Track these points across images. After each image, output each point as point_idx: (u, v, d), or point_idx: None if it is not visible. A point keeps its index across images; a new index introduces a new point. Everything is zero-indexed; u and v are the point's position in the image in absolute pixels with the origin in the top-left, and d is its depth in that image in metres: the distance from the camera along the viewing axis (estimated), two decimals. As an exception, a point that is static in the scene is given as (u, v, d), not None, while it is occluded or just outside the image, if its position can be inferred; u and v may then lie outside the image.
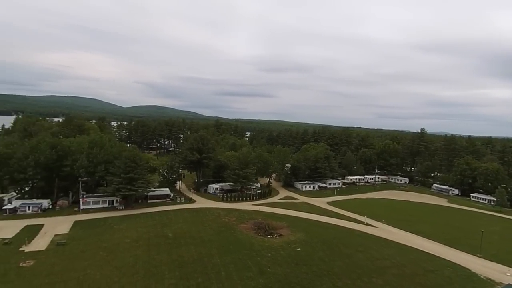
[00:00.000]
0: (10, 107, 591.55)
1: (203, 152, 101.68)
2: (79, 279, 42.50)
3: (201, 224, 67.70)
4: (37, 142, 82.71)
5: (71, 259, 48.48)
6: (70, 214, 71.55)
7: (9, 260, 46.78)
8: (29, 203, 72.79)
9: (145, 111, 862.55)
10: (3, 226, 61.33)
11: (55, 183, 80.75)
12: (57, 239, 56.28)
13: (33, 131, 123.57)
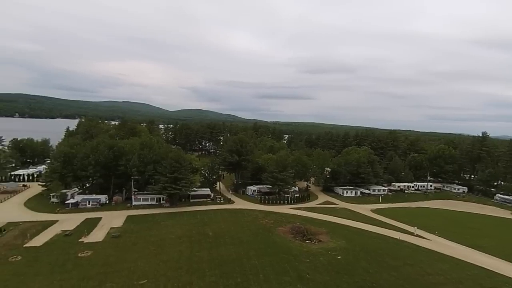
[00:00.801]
0: (75, 111, 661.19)
1: (241, 154, 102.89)
2: (130, 269, 45.30)
3: (240, 225, 68.30)
4: (97, 143, 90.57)
5: (124, 250, 51.95)
6: (123, 209, 76.94)
7: (69, 251, 51.24)
8: (89, 198, 79.77)
9: (189, 115, 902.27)
10: (65, 219, 67.86)
11: (111, 180, 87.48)
12: (112, 231, 60.81)
13: (93, 133, 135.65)
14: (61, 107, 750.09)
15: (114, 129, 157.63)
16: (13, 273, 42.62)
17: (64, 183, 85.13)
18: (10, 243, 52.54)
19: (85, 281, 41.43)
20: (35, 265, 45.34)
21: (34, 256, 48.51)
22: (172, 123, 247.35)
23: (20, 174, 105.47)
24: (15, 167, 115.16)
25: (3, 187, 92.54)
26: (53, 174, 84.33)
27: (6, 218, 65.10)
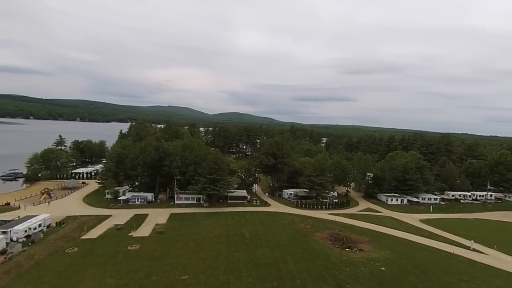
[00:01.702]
0: (126, 115, 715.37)
1: (278, 157, 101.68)
2: (172, 265, 46.97)
3: (276, 228, 67.38)
4: (145, 144, 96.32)
5: (167, 246, 54.13)
6: (167, 207, 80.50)
7: (120, 243, 54.73)
8: (138, 196, 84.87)
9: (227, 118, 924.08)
10: (117, 214, 72.80)
11: (157, 179, 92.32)
12: (157, 228, 63.85)
13: (142, 135, 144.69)
14: (115, 112, 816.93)
15: (160, 132, 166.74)
16: (69, 263, 46.31)
17: (117, 181, 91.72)
18: (68, 235, 57.56)
19: (133, 273, 43.79)
20: (90, 256, 49.08)
21: (90, 247, 52.59)
22: (211, 126, 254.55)
23: (80, 172, 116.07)
24: (75, 166, 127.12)
25: (65, 184, 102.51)
26: (108, 172, 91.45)
27: (66, 212, 71.77)
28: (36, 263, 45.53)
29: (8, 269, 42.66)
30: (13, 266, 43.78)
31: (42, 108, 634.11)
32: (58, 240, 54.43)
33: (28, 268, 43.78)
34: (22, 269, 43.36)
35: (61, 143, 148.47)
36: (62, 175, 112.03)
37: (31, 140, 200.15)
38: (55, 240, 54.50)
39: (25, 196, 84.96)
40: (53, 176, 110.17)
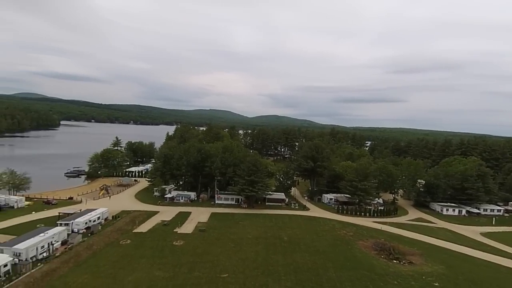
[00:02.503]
0: (173, 119, 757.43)
1: (317, 160, 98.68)
2: (213, 262, 48.06)
3: (315, 233, 65.38)
4: (189, 146, 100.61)
5: (208, 244, 55.62)
6: (208, 206, 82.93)
7: (166, 238, 57.60)
8: (182, 194, 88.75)
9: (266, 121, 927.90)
10: (164, 210, 76.74)
11: (199, 179, 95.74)
12: (200, 226, 66.06)
13: (186, 137, 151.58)
14: (163, 115, 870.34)
15: (202, 134, 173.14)
16: (122, 254, 49.92)
17: (164, 180, 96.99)
18: (122, 228, 62.09)
19: (178, 267, 45.67)
20: (141, 249, 52.36)
21: (140, 240, 56.15)
22: (250, 129, 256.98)
23: (133, 171, 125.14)
24: (129, 165, 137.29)
25: (120, 181, 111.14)
26: (156, 172, 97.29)
27: (120, 206, 77.60)
28: (93, 253, 49.79)
29: (68, 258, 46.96)
30: (73, 255, 48.15)
31: (102, 112, 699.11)
32: (113, 232, 59.00)
33: (86, 258, 48.01)
34: (80, 258, 47.62)
35: (117, 144, 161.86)
36: (118, 173, 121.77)
37: (92, 141, 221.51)
38: (111, 232, 59.16)
39: (86, 191, 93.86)
40: (110, 173, 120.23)
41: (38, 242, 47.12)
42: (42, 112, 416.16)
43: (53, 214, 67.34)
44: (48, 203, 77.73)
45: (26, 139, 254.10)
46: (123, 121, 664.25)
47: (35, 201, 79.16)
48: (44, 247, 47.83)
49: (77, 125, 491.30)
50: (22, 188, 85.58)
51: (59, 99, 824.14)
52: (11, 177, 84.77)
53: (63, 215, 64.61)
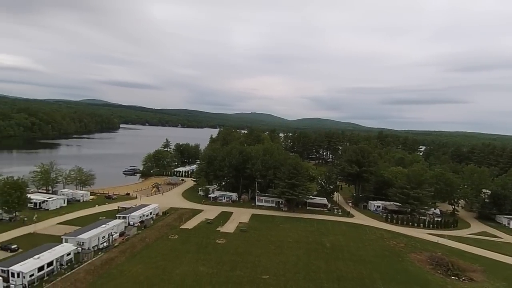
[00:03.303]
0: (216, 122, 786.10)
1: (363, 165, 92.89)
2: (254, 263, 48.21)
3: (361, 242, 61.79)
4: (231, 148, 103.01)
5: (249, 244, 56.04)
6: (249, 208, 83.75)
7: (209, 236, 59.45)
8: (224, 195, 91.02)
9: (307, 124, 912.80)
10: (208, 209, 79.42)
11: (240, 181, 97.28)
12: (241, 226, 66.95)
13: (228, 140, 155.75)
14: (207, 119, 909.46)
15: (243, 137, 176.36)
16: (171, 248, 52.72)
17: (207, 180, 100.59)
18: (171, 224, 65.61)
19: (221, 265, 46.73)
20: (187, 244, 54.77)
21: (187, 236, 58.78)
22: (291, 132, 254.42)
23: (180, 171, 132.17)
24: (177, 165, 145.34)
25: (169, 180, 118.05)
26: (201, 172, 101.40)
27: (169, 203, 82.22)
28: (146, 245, 53.36)
29: (124, 249, 50.92)
30: (129, 246, 52.10)
31: (154, 117, 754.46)
32: (163, 227, 62.71)
33: (140, 249, 51.62)
34: (135, 249, 51.34)
35: (167, 145, 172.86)
36: (167, 172, 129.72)
37: (145, 143, 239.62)
38: (161, 227, 62.95)
39: (140, 188, 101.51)
40: (160, 173, 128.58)
41: (99, 233, 52.04)
42: (105, 116, 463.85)
43: (113, 208, 74.04)
44: (109, 197, 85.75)
45: (92, 140, 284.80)
46: (172, 124, 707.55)
47: (98, 195, 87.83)
48: (105, 237, 52.65)
49: (134, 128, 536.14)
50: (88, 183, 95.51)
51: (119, 105, 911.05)
52: (79, 173, 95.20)
53: (121, 209, 70.58)
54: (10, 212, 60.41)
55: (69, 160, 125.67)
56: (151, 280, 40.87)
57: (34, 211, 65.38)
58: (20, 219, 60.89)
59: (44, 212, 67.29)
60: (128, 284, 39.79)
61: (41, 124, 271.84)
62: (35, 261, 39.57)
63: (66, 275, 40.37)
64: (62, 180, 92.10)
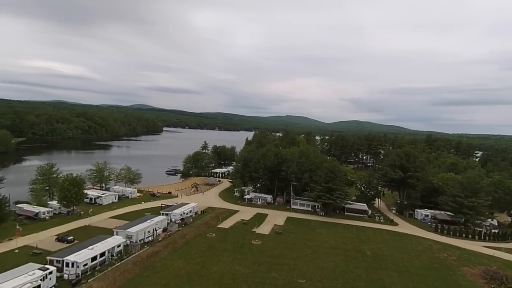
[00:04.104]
0: (251, 125, 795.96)
1: (408, 170, 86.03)
2: (290, 266, 47.47)
3: (406, 252, 57.50)
4: (266, 150, 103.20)
5: (285, 247, 55.35)
6: (284, 210, 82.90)
7: (245, 236, 59.96)
8: (260, 196, 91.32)
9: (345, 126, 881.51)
10: (243, 210, 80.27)
11: (275, 183, 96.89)
12: (276, 228, 66.49)
13: (263, 142, 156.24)
14: (243, 122, 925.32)
15: (278, 140, 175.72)
16: (209, 246, 54.18)
17: (243, 182, 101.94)
18: (209, 223, 67.55)
19: (256, 265, 46.86)
20: (223, 243, 55.87)
21: (223, 235, 59.99)
22: (327, 135, 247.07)
23: (217, 172, 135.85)
24: (214, 166, 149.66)
25: (206, 180, 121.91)
26: (237, 173, 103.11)
27: (207, 203, 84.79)
28: (186, 242, 55.54)
29: (167, 243, 53.54)
30: (171, 241, 54.63)
31: (193, 120, 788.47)
32: (201, 225, 64.85)
33: (181, 245, 53.86)
34: (177, 245, 53.69)
35: (205, 147, 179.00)
36: (205, 173, 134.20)
37: (186, 144, 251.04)
38: (200, 225, 65.15)
39: (181, 188, 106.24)
40: (199, 173, 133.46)
41: (145, 228, 55.48)
42: (150, 120, 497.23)
43: (156, 205, 78.51)
44: (153, 195, 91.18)
45: (139, 142, 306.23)
46: (210, 127, 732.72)
47: (144, 193, 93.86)
48: (150, 232, 55.99)
49: (175, 131, 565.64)
50: (135, 182, 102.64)
51: (162, 109, 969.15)
52: (128, 172, 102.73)
53: (164, 207, 74.54)
54: (68, 206, 67.11)
55: (119, 160, 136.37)
56: (191, 275, 42.40)
57: (90, 206, 71.92)
58: (77, 213, 67.39)
59: (98, 207, 73.75)
60: (171, 277, 41.73)
61: (96, 127, 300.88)
62: (89, 251, 43.31)
63: (116, 266, 43.64)
64: (114, 178, 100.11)
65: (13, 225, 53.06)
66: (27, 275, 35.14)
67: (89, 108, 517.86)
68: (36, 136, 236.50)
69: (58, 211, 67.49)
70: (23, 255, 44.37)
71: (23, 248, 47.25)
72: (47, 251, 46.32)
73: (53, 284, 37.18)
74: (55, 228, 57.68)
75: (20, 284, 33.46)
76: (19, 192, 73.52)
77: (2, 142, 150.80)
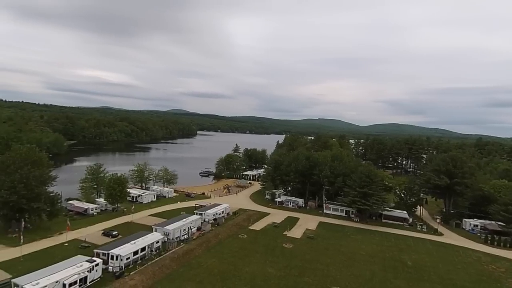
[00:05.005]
0: (282, 128, 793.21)
1: (454, 176, 78.54)
2: (323, 272, 46.08)
3: (451, 264, 52.99)
4: (297, 154, 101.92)
5: (317, 252, 53.95)
6: (316, 215, 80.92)
7: (276, 239, 59.45)
8: (291, 200, 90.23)
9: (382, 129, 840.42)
10: (274, 213, 79.82)
11: (306, 187, 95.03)
12: (308, 232, 65.10)
13: (294, 145, 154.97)
14: (273, 125, 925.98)
15: (309, 143, 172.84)
16: (240, 247, 54.69)
17: (274, 184, 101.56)
18: (240, 224, 68.17)
19: (289, 269, 46.23)
20: (255, 244, 56.04)
21: (254, 237, 60.20)
22: (363, 138, 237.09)
23: (248, 174, 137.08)
24: (245, 169, 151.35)
25: (238, 182, 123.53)
26: (267, 176, 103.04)
27: (238, 204, 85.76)
28: (219, 241, 56.64)
29: (201, 242, 55.02)
30: (204, 240, 56.05)
31: (225, 124, 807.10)
32: (233, 226, 65.74)
33: (214, 244, 55.04)
34: (210, 244, 54.95)
35: (236, 150, 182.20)
36: (236, 175, 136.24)
37: (218, 147, 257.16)
38: (232, 226, 66.10)
39: (213, 189, 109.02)
40: (231, 175, 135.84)
41: (181, 226, 57.67)
42: (185, 124, 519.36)
43: (191, 205, 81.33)
44: (188, 195, 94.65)
45: (175, 145, 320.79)
46: (241, 131, 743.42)
47: (179, 193, 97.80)
48: (185, 230, 58.09)
49: (208, 134, 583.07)
50: (172, 182, 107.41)
51: (196, 114, 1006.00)
52: (165, 173, 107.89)
53: (198, 207, 76.94)
54: (113, 204, 72.26)
55: (157, 161, 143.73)
56: (224, 274, 43.10)
57: (132, 204, 76.63)
58: (121, 210, 72.23)
59: (139, 205, 78.35)
60: (205, 275, 42.82)
61: (137, 131, 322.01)
62: (131, 246, 45.97)
63: (155, 261, 45.86)
64: (153, 178, 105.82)
65: (64, 220, 57.70)
66: (76, 267, 37.57)
67: (131, 113, 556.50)
68: (86, 139, 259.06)
69: (105, 208, 72.92)
70: (72, 248, 48.07)
71: (73, 241, 51.21)
72: (94, 244, 50.08)
73: (99, 276, 39.71)
74: (102, 223, 62.36)
75: (69, 275, 35.86)
76: (70, 190, 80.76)
77: (56, 144, 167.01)
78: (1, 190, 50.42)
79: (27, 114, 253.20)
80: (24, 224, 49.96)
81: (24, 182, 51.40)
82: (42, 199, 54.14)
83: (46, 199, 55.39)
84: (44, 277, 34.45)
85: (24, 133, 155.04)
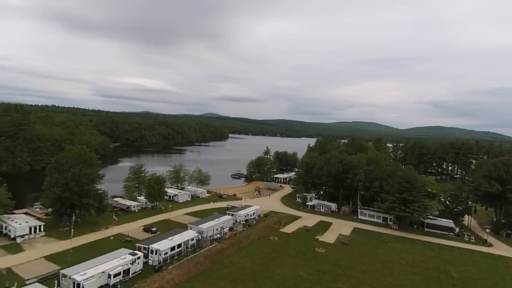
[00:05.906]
0: (314, 131, 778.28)
1: (507, 183, 71.51)
2: (358, 279, 44.24)
3: (501, 277, 48.14)
4: (329, 157, 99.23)
5: (352, 259, 51.95)
6: (350, 220, 77.93)
7: (308, 243, 58.40)
8: (323, 204, 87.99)
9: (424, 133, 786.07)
10: (306, 217, 78.44)
11: (339, 191, 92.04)
12: (341, 238, 62.95)
13: (327, 149, 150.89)
14: (305, 128, 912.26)
15: (343, 146, 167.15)
16: (271, 248, 54.60)
17: (305, 188, 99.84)
18: (271, 226, 68.07)
19: (321, 274, 45.13)
20: (286, 247, 55.55)
21: (286, 240, 59.70)
22: (402, 142, 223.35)
23: (278, 177, 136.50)
24: (275, 172, 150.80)
25: (268, 185, 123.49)
26: (299, 179, 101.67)
27: (269, 207, 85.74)
28: (250, 242, 57.12)
29: (233, 242, 55.99)
30: (236, 240, 56.96)
31: (256, 127, 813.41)
32: (264, 228, 65.86)
33: (245, 245, 55.65)
34: (242, 244, 55.68)
35: (267, 153, 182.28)
36: (267, 178, 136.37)
37: (249, 150, 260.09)
38: (263, 227, 66.28)
39: (244, 191, 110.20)
40: (261, 178, 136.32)
41: (214, 225, 59.24)
42: (218, 127, 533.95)
43: (223, 205, 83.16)
44: (220, 196, 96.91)
45: (208, 147, 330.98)
46: (272, 134, 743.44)
47: (212, 194, 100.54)
48: (218, 229, 59.56)
49: (239, 137, 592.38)
50: (205, 183, 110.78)
51: (228, 117, 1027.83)
52: (199, 174, 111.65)
53: (230, 207, 78.38)
54: (153, 202, 76.61)
55: (192, 163, 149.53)
56: (256, 275, 43.39)
57: (169, 202, 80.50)
58: (159, 208, 76.22)
59: (175, 204, 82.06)
60: (237, 273, 43.51)
61: (174, 134, 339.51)
62: (169, 242, 48.39)
63: (190, 257, 47.67)
64: (187, 178, 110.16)
65: (110, 216, 62.52)
66: (120, 259, 40.68)
67: (168, 117, 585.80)
68: (129, 141, 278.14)
69: (145, 205, 77.61)
70: (117, 242, 51.93)
71: (117, 235, 55.25)
72: (136, 239, 53.57)
73: (140, 268, 42.50)
74: (142, 220, 66.47)
75: (113, 266, 38.84)
76: (115, 188, 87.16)
77: (103, 146, 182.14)
78: (55, 187, 55.98)
79: (78, 119, 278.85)
80: (75, 219, 54.87)
81: (76, 179, 56.64)
82: (92, 195, 59.28)
83: (95, 195, 60.56)
84: (91, 268, 37.52)
85: (75, 136, 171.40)
